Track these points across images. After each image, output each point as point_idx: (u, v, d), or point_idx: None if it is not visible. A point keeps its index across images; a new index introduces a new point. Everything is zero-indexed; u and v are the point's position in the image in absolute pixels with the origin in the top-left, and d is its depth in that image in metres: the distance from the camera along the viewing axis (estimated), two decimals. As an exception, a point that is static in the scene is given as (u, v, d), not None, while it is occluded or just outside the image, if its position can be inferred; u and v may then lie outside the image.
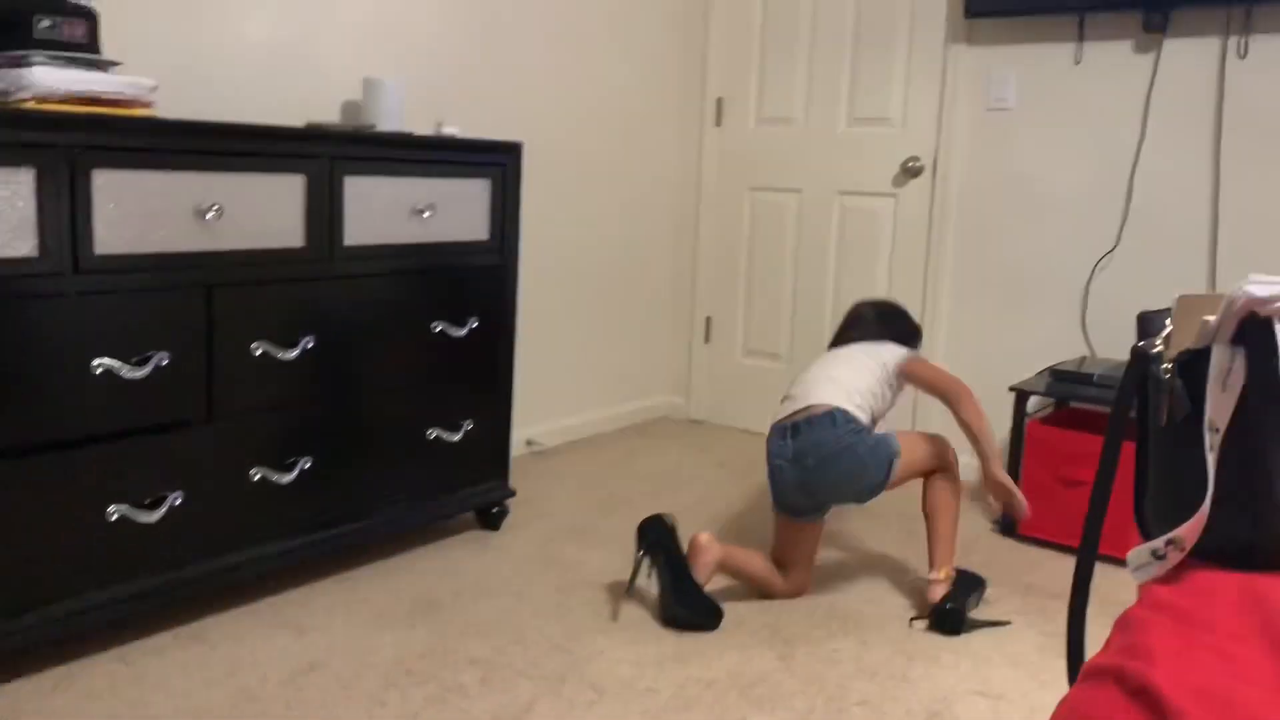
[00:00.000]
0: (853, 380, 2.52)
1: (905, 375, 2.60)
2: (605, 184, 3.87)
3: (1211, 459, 0.93)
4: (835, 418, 2.42)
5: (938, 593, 2.41)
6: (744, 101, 4.01)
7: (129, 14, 2.41)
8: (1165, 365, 0.99)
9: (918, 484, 2.54)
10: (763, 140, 3.97)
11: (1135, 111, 3.19)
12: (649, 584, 2.43)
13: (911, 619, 2.43)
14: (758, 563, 2.50)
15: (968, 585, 2.49)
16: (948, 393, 2.52)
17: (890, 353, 2.61)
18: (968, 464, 2.75)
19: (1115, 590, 2.64)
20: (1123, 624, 0.88)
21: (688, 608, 2.32)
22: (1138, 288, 3.23)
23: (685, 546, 2.39)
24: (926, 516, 2.51)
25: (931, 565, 2.47)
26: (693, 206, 4.18)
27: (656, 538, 2.37)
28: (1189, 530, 0.92)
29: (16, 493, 1.87)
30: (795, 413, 2.47)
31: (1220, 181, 3.07)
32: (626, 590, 2.48)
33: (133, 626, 2.20)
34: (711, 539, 2.39)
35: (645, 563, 2.38)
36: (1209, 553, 0.95)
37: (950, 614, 2.36)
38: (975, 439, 2.45)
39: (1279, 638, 0.79)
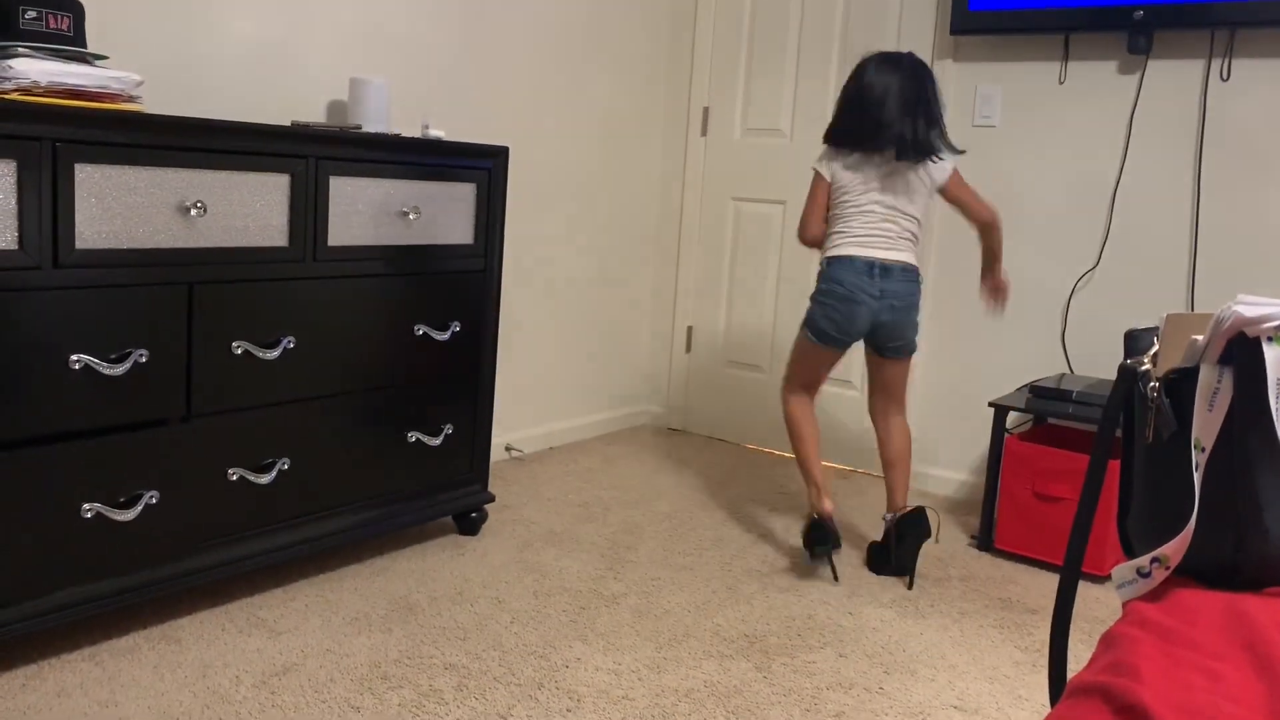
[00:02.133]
0: (915, 227, 2.75)
1: (944, 193, 2.78)
2: (589, 191, 3.86)
3: (1197, 478, 0.94)
4: (914, 275, 2.74)
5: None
6: (730, 112, 4.02)
7: (115, 8, 2.39)
8: (1153, 383, 1.00)
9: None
10: (748, 151, 3.98)
11: (1118, 131, 3.22)
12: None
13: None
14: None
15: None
16: (989, 223, 2.80)
17: (940, 172, 2.74)
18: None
19: (1092, 607, 2.66)
20: (1107, 641, 0.88)
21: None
22: (1118, 306, 3.25)
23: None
24: (892, 459, 2.84)
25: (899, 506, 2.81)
26: (676, 215, 4.19)
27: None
28: (1174, 548, 0.92)
29: (-11, 488, 1.85)
30: (882, 257, 2.68)
31: (1201, 202, 3.10)
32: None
33: (104, 625, 2.17)
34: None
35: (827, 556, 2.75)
36: (1193, 571, 0.95)
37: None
38: (995, 259, 2.84)
39: (1264, 657, 0.79)
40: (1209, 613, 0.88)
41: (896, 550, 2.76)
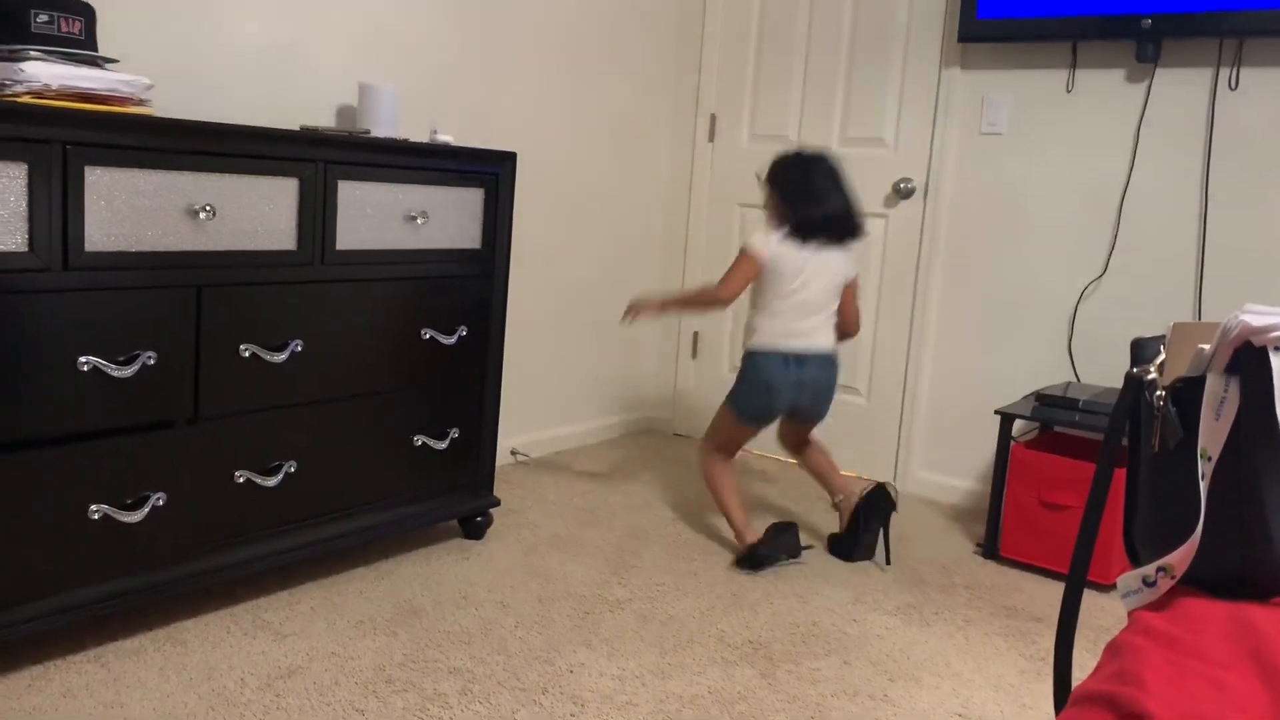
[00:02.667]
0: (833, 308, 2.88)
1: (844, 288, 2.91)
2: (596, 196, 3.87)
3: (1204, 487, 0.94)
4: (833, 360, 2.89)
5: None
6: (737, 118, 4.02)
7: (127, 13, 2.41)
8: (1159, 392, 1.00)
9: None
10: (755, 157, 3.98)
11: (1126, 140, 3.22)
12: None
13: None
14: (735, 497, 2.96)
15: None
16: (853, 330, 2.97)
17: (850, 268, 2.90)
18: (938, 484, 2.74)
19: (1097, 615, 2.65)
20: (1113, 650, 0.88)
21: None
22: (1124, 314, 3.25)
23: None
24: (818, 466, 3.04)
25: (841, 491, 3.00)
26: (683, 221, 4.19)
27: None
28: (1180, 558, 0.92)
29: (-3, 489, 1.86)
30: (802, 349, 2.82)
31: (1208, 211, 3.10)
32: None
33: (110, 626, 2.18)
34: None
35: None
36: (1199, 581, 0.95)
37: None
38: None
39: (1269, 667, 0.79)
40: (1215, 622, 0.88)
41: (866, 530, 2.89)
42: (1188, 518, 0.94)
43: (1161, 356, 1.03)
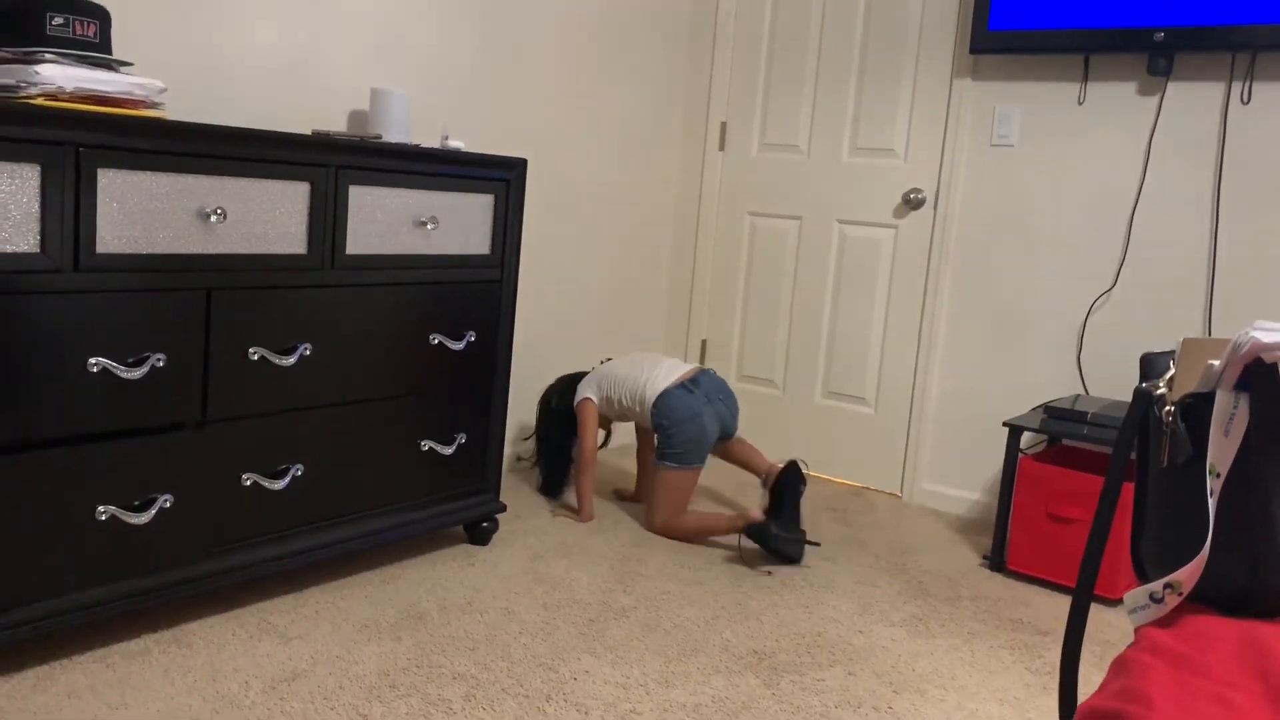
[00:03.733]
0: None
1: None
2: (606, 203, 3.87)
3: (1212, 504, 0.93)
4: (712, 371, 3.23)
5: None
6: (748, 127, 4.03)
7: (140, 16, 2.42)
8: (1168, 407, 1.00)
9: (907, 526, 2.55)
10: (765, 166, 3.99)
11: (1137, 153, 3.21)
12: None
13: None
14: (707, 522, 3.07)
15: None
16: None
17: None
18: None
19: (1104, 630, 2.64)
20: (1119, 666, 0.88)
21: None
22: (1133, 328, 3.24)
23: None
24: (740, 455, 3.24)
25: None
26: (692, 229, 4.19)
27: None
28: (1188, 574, 0.92)
29: (6, 489, 1.86)
30: (682, 376, 3.13)
31: (1219, 226, 3.09)
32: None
33: (116, 628, 2.18)
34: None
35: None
36: (1206, 598, 0.95)
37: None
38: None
39: (1277, 686, 0.78)
40: (1222, 640, 0.87)
41: (779, 514, 2.98)
42: (1196, 534, 0.93)
43: (1171, 372, 1.03)
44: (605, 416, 3.28)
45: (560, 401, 3.30)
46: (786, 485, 3.01)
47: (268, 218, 2.20)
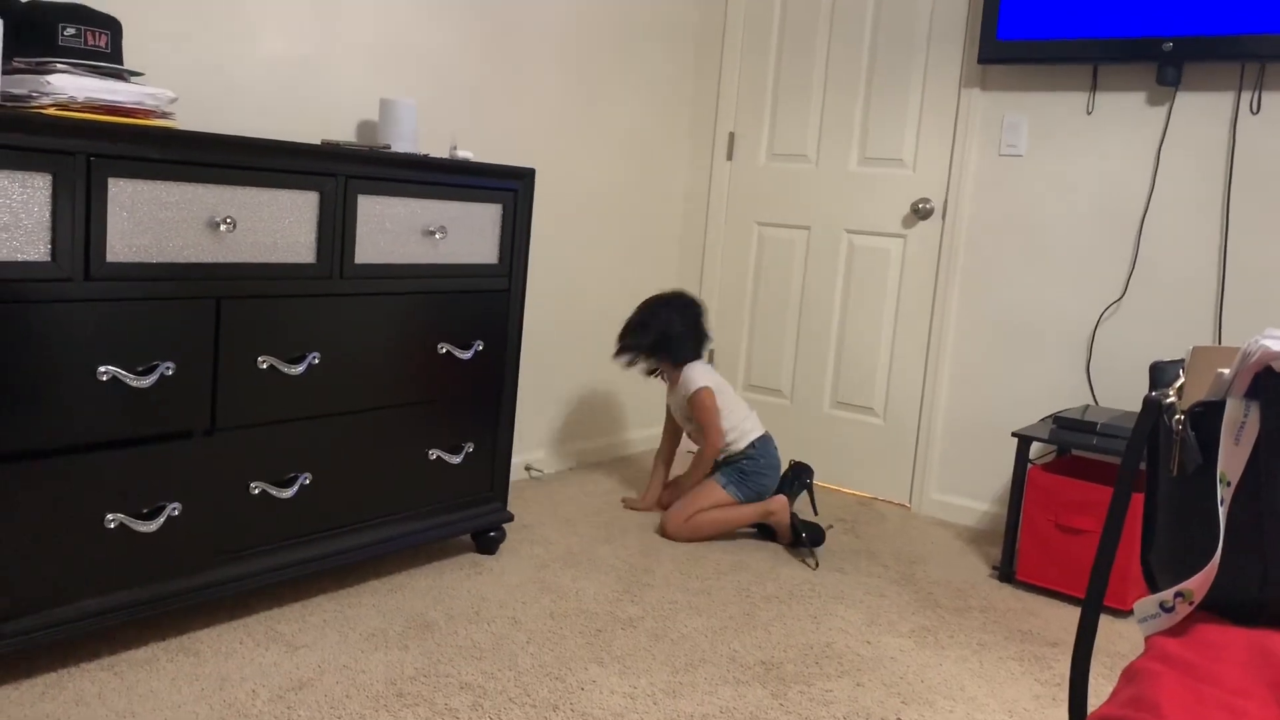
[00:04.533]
0: None
1: (692, 403, 3.26)
2: (614, 213, 3.88)
3: (1223, 512, 0.93)
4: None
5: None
6: (756, 137, 4.03)
7: (152, 26, 2.43)
8: (1178, 416, 0.99)
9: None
10: (773, 176, 3.99)
11: (1146, 163, 3.21)
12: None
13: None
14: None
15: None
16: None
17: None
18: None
19: (1114, 641, 2.63)
20: (1129, 675, 0.88)
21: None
22: (1143, 338, 3.23)
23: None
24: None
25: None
26: (700, 239, 4.20)
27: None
28: (1198, 583, 0.91)
29: (15, 496, 1.87)
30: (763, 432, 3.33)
31: (1229, 235, 3.08)
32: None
33: (124, 636, 2.18)
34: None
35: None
36: (1217, 606, 0.94)
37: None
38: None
39: (1288, 695, 0.78)
40: (1233, 649, 0.87)
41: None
42: (1206, 543, 0.93)
43: (1181, 380, 1.02)
44: (673, 394, 3.36)
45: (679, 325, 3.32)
46: (796, 478, 3.23)
47: (277, 227, 2.21)
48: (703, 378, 3.25)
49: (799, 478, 3.24)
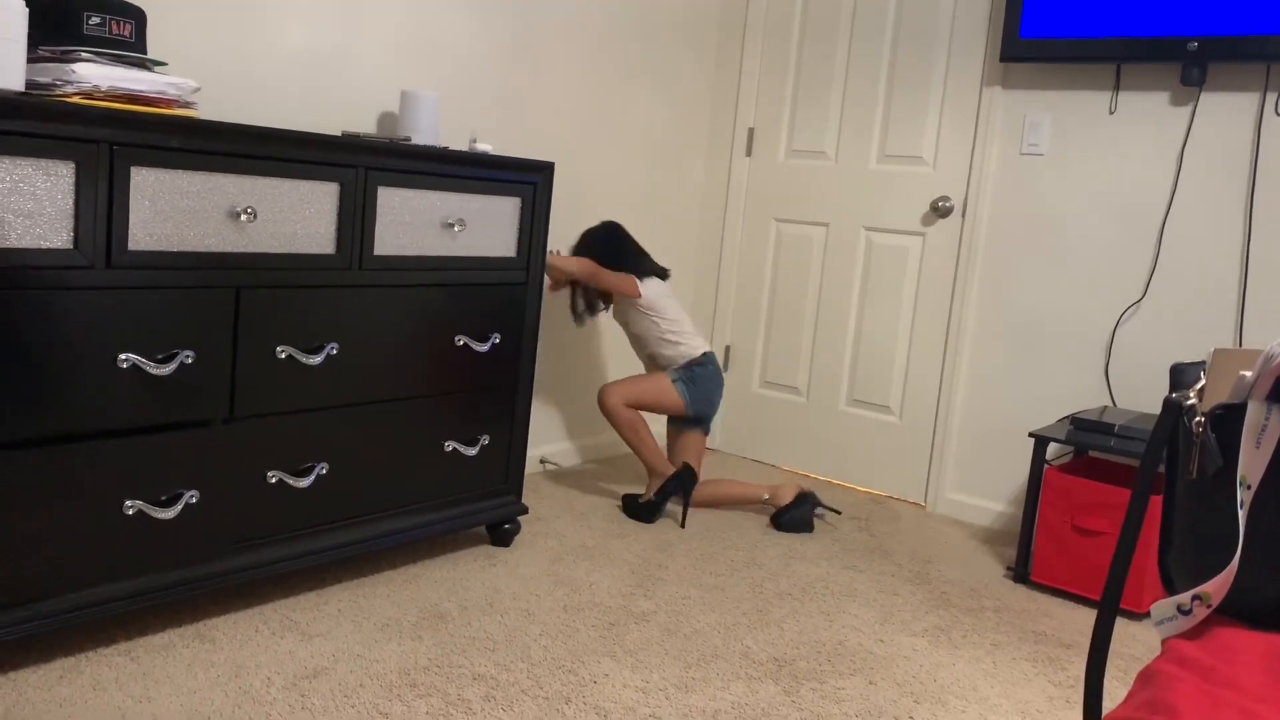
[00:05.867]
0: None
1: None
2: (632, 208, 3.88)
3: (1242, 515, 0.92)
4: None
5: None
6: (775, 133, 4.02)
7: (175, 16, 2.45)
8: (1198, 418, 0.99)
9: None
10: (792, 172, 3.98)
11: (1169, 163, 3.18)
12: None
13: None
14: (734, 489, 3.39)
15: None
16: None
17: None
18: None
19: (1129, 644, 2.62)
20: (1145, 678, 0.87)
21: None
22: (1163, 339, 3.21)
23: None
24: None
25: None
26: (718, 235, 4.19)
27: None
28: (1217, 586, 0.91)
29: (36, 482, 1.88)
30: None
31: (1251, 236, 3.06)
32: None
33: (141, 622, 2.20)
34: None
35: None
36: (1235, 610, 0.94)
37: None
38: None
39: (1306, 701, 0.77)
40: (1251, 653, 0.86)
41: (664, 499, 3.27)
42: (1225, 546, 0.92)
43: (1201, 382, 1.02)
44: (616, 308, 3.36)
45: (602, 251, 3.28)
46: (681, 483, 3.28)
47: (297, 218, 2.22)
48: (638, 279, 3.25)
49: (684, 483, 3.26)
